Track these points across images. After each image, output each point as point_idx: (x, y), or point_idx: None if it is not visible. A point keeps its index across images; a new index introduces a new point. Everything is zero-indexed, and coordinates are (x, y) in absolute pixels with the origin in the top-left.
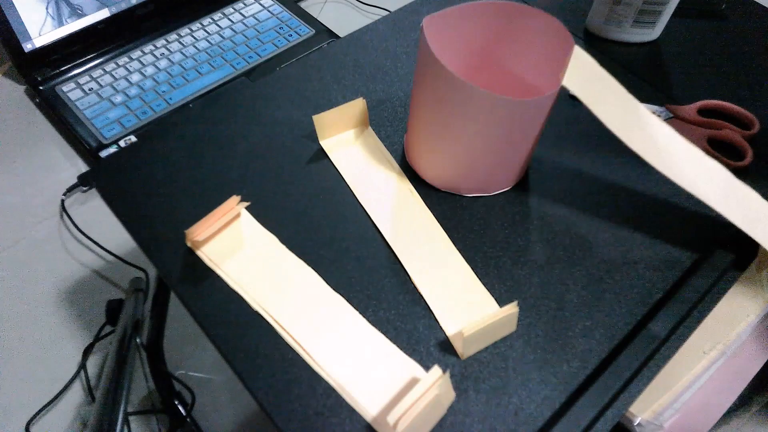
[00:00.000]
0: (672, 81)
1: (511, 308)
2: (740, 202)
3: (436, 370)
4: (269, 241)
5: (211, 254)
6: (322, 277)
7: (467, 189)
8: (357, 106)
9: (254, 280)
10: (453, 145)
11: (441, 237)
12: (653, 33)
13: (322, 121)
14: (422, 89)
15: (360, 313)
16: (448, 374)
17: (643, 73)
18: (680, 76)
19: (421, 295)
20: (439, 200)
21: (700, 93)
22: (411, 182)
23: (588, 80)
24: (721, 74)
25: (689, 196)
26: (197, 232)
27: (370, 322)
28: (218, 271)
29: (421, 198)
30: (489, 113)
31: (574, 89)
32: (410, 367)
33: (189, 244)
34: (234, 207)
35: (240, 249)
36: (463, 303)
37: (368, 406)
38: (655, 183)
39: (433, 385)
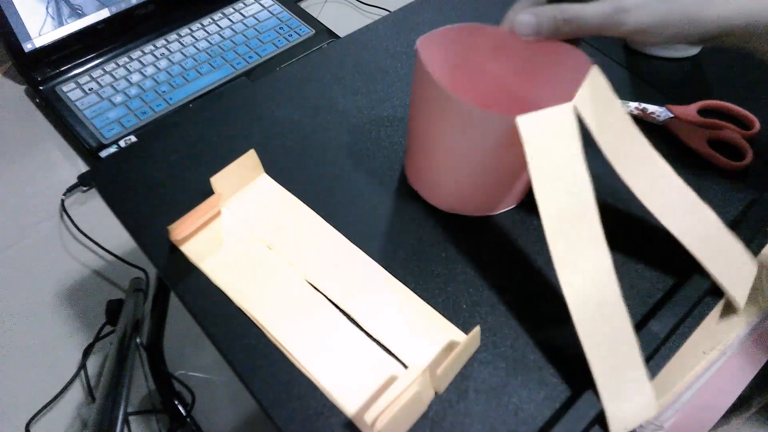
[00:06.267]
0: (672, 81)
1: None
2: (721, 253)
3: (415, 367)
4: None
5: (192, 251)
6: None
7: (470, 210)
8: (249, 158)
9: (234, 277)
10: (453, 166)
11: (376, 269)
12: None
13: (219, 183)
14: (420, 110)
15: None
16: (428, 371)
17: (643, 73)
18: (680, 76)
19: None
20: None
21: (700, 93)
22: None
23: (597, 104)
24: (721, 74)
25: None
26: (178, 230)
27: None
28: (201, 267)
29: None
30: (489, 132)
31: (583, 111)
32: (390, 364)
33: (172, 240)
34: (216, 205)
35: (221, 246)
36: (423, 335)
37: (348, 404)
38: None
39: (413, 383)
